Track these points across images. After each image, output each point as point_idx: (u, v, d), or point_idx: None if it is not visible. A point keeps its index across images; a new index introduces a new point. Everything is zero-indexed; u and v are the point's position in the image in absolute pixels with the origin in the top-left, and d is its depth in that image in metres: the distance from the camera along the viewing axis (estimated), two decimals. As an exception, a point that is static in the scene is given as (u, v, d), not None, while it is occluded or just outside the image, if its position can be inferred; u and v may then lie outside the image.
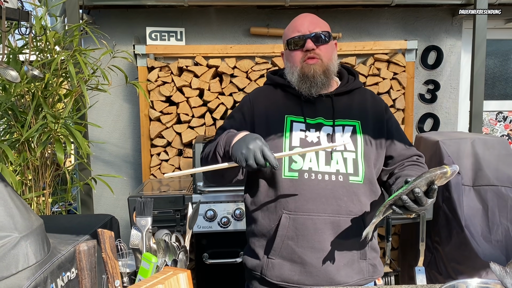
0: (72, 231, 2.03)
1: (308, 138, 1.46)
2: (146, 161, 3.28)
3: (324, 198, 1.41)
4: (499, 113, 3.77)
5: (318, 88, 1.49)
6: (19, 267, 1.50)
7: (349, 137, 1.49)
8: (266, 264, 1.48)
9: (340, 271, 1.43)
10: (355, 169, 1.45)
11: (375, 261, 1.54)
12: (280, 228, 1.44)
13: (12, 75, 2.01)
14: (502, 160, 2.70)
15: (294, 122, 1.49)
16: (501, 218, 2.60)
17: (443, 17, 3.52)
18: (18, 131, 2.66)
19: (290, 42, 1.51)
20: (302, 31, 1.49)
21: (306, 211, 1.42)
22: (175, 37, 3.35)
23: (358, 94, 1.59)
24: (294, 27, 1.52)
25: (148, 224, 1.11)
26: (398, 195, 1.19)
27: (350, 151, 1.46)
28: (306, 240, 1.43)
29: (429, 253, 2.85)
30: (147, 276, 1.03)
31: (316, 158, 1.44)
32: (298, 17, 1.56)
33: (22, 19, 2.07)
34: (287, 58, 1.57)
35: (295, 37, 1.49)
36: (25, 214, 1.61)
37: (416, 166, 1.52)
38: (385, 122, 1.56)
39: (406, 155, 1.55)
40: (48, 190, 2.80)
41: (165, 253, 1.11)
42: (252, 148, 1.23)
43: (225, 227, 2.55)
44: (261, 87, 1.68)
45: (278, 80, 1.61)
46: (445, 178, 1.17)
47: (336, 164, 1.44)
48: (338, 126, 1.49)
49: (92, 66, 2.81)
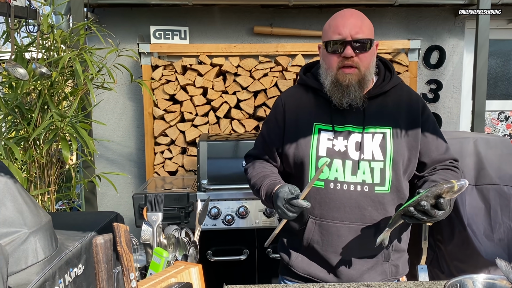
0: (78, 227, 2.05)
1: (336, 147, 1.45)
2: (149, 159, 3.30)
3: (348, 207, 1.43)
4: (501, 112, 3.78)
5: (350, 99, 1.43)
6: (28, 262, 1.51)
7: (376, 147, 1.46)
8: (295, 257, 1.55)
9: (363, 275, 1.47)
10: (382, 178, 1.43)
11: (398, 262, 1.55)
12: (306, 231, 1.49)
13: (21, 73, 2.04)
14: (504, 159, 2.71)
15: (322, 131, 1.47)
16: (504, 217, 2.61)
17: (446, 17, 3.54)
18: (24, 128, 2.68)
19: (329, 44, 1.42)
20: (344, 35, 1.39)
21: (331, 218, 1.45)
22: (179, 35, 3.37)
23: (394, 93, 1.52)
24: (336, 27, 1.41)
25: (159, 220, 1.13)
26: (406, 207, 1.23)
27: (378, 161, 1.43)
28: (330, 245, 1.46)
29: (431, 251, 2.86)
30: (158, 270, 1.05)
31: (342, 168, 1.43)
32: (342, 14, 1.45)
33: (30, 17, 2.10)
34: (324, 57, 1.49)
35: (335, 40, 1.40)
36: (34, 210, 1.63)
37: (447, 170, 1.50)
38: (420, 126, 1.49)
39: (440, 160, 1.52)
40: (53, 188, 2.81)
41: (175, 248, 1.13)
42: (280, 205, 1.33)
43: (229, 224, 2.56)
44: (294, 88, 1.63)
45: (310, 83, 1.55)
46: (452, 193, 1.19)
47: (363, 174, 1.43)
48: (368, 134, 1.45)
49: (97, 64, 2.83)
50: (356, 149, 1.44)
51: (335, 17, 1.46)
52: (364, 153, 1.43)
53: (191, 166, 3.28)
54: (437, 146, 1.52)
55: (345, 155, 1.43)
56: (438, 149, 1.51)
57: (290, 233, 1.57)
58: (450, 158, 1.54)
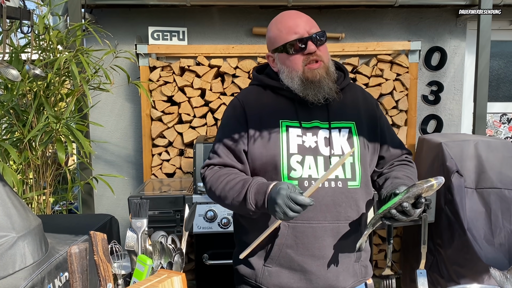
0: (71, 231, 2.03)
1: (306, 143, 1.41)
2: (147, 161, 3.28)
3: (324, 205, 1.39)
4: (503, 115, 3.73)
5: (325, 93, 1.41)
6: (16, 267, 1.49)
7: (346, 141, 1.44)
8: (262, 272, 1.45)
9: (339, 277, 1.43)
10: (353, 173, 1.42)
11: (366, 262, 1.53)
12: (279, 237, 1.41)
13: (13, 74, 2.01)
14: (505, 163, 2.67)
15: (290, 127, 1.43)
16: (504, 221, 2.57)
17: (447, 18, 3.50)
18: (20, 130, 2.66)
19: (288, 45, 1.40)
20: (300, 32, 1.39)
21: (306, 219, 1.38)
22: (177, 36, 3.35)
23: (349, 91, 1.53)
24: (289, 28, 1.40)
25: (143, 226, 1.10)
26: (387, 209, 1.22)
27: None
28: (306, 248, 1.40)
29: (431, 255, 2.83)
30: (142, 278, 1.02)
31: (315, 165, 1.39)
32: (288, 16, 1.44)
33: (23, 18, 2.07)
34: (283, 62, 1.45)
35: (293, 41, 1.39)
36: (23, 214, 1.60)
37: (404, 166, 1.52)
38: (378, 121, 1.52)
39: (396, 155, 1.54)
40: (49, 189, 2.80)
41: (160, 255, 1.10)
42: (281, 203, 1.21)
43: (225, 227, 2.53)
44: (248, 89, 1.56)
45: (267, 81, 1.50)
46: (431, 191, 1.20)
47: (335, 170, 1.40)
48: (335, 129, 1.44)
49: (94, 65, 2.81)
50: (325, 144, 1.42)
51: (281, 21, 1.44)
52: (334, 148, 1.41)
53: (189, 168, 3.25)
54: (393, 141, 1.54)
55: (316, 151, 1.40)
56: (394, 144, 1.54)
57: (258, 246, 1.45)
58: (405, 153, 1.57)
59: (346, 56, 3.30)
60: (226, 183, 1.39)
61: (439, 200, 2.72)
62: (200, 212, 2.54)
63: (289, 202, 1.20)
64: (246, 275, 1.50)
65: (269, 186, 1.29)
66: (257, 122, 1.45)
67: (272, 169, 1.41)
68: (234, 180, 1.38)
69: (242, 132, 1.46)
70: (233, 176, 1.40)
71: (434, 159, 2.83)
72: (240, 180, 1.38)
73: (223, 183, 1.39)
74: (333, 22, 3.44)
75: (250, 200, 1.32)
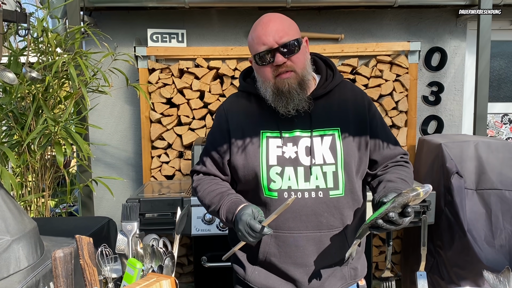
0: (68, 233, 2.02)
1: (286, 154, 1.39)
2: (146, 163, 3.27)
3: (304, 216, 1.38)
4: (504, 115, 3.71)
5: (295, 104, 1.37)
6: (10, 270, 1.49)
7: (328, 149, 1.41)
8: (252, 271, 1.48)
9: (324, 283, 1.43)
10: (335, 182, 1.39)
11: (357, 264, 1.52)
12: (262, 245, 1.43)
13: (10, 77, 2.01)
14: (506, 164, 2.65)
15: (270, 138, 1.41)
16: (505, 222, 2.55)
17: (447, 18, 3.48)
18: (18, 133, 2.66)
19: (257, 57, 1.36)
20: (269, 44, 1.33)
21: (287, 229, 1.39)
22: (176, 38, 3.34)
23: (338, 92, 1.47)
24: (258, 37, 1.35)
25: (134, 229, 1.10)
26: (374, 219, 1.21)
27: (329, 164, 1.39)
28: (289, 256, 1.41)
29: (431, 257, 2.81)
30: (131, 282, 1.02)
31: (295, 176, 1.38)
32: (261, 22, 1.38)
33: (19, 21, 2.07)
34: (257, 71, 1.43)
35: (262, 52, 1.34)
36: (18, 217, 1.60)
37: (399, 167, 1.47)
38: (368, 123, 1.45)
39: (391, 156, 1.49)
40: (48, 192, 2.80)
41: (151, 258, 1.09)
42: (241, 228, 1.27)
43: (223, 230, 2.52)
44: (235, 96, 1.55)
45: (251, 90, 1.48)
46: (418, 199, 1.18)
47: (316, 180, 1.38)
48: (317, 137, 1.40)
49: (93, 68, 2.81)
50: (306, 154, 1.39)
51: (255, 27, 1.39)
52: (315, 157, 1.39)
53: (188, 170, 3.25)
54: (387, 142, 1.49)
55: (296, 162, 1.38)
56: (388, 145, 1.48)
57: (243, 248, 1.49)
58: (400, 153, 1.51)
59: (346, 57, 3.29)
60: (208, 193, 1.47)
61: (439, 202, 2.70)
62: (199, 215, 2.53)
63: (247, 229, 1.25)
64: (239, 273, 1.53)
65: (237, 209, 1.34)
66: (239, 132, 1.45)
67: (253, 180, 1.42)
68: (214, 192, 1.46)
69: (224, 145, 1.47)
70: (214, 187, 1.47)
71: (434, 160, 2.81)
72: (219, 193, 1.44)
73: (206, 192, 1.48)
74: (332, 23, 3.44)
75: (222, 216, 1.40)
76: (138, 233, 1.13)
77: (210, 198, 1.45)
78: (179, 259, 3.32)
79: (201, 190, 1.50)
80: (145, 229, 2.52)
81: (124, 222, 1.10)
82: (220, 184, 1.49)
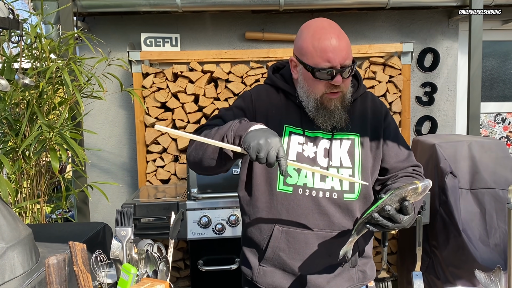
0: (63, 240, 2.02)
1: (305, 152, 1.41)
2: (142, 168, 3.27)
3: (317, 214, 1.40)
4: (497, 114, 3.74)
5: (335, 121, 1.39)
6: (5, 277, 1.49)
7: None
8: (257, 271, 1.49)
9: (330, 283, 1.44)
10: (351, 186, 1.41)
11: (365, 267, 1.52)
12: (272, 239, 1.44)
13: (2, 84, 2.01)
14: (499, 163, 2.67)
15: (293, 134, 1.42)
16: (499, 221, 2.57)
17: (439, 19, 3.51)
18: (13, 139, 2.66)
19: (317, 71, 1.32)
20: (334, 63, 1.30)
21: (298, 226, 1.41)
22: (170, 43, 3.35)
23: (360, 101, 1.50)
24: (324, 52, 1.30)
25: (128, 235, 1.10)
26: (370, 213, 1.16)
27: (346, 167, 1.41)
28: (298, 253, 1.42)
29: (427, 257, 2.82)
30: (126, 287, 1.02)
31: (312, 174, 1.40)
32: (327, 34, 1.31)
33: (12, 28, 2.07)
34: (305, 78, 1.39)
35: (325, 69, 1.31)
36: (13, 224, 1.60)
37: (409, 177, 1.45)
38: (382, 133, 1.48)
39: (401, 168, 1.49)
40: (43, 198, 2.79)
41: (146, 263, 1.09)
42: (270, 142, 1.13)
43: (220, 233, 2.53)
44: (263, 86, 1.54)
45: (280, 84, 1.49)
46: (417, 194, 1.13)
47: (331, 181, 1.40)
48: (336, 140, 1.42)
49: (87, 73, 2.81)
50: (324, 155, 1.41)
51: (319, 37, 1.31)
52: (332, 160, 1.40)
53: (184, 174, 3.25)
54: (397, 153, 1.49)
55: (314, 162, 1.40)
56: (398, 156, 1.49)
57: (252, 244, 1.51)
58: (412, 165, 1.51)
59: (339, 59, 3.30)
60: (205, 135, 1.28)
61: (434, 202, 2.72)
62: (195, 219, 2.54)
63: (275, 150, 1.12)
64: (247, 273, 1.54)
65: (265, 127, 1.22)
66: (263, 120, 1.43)
67: (268, 173, 1.42)
68: (211, 131, 1.30)
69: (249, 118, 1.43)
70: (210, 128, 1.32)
71: (428, 160, 2.83)
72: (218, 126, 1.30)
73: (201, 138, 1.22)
74: (326, 25, 3.45)
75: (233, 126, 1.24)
76: (133, 239, 1.13)
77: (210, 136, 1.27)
78: (176, 263, 3.31)
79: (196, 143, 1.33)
80: (141, 234, 2.53)
81: (118, 228, 1.11)
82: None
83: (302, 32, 1.38)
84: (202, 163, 1.32)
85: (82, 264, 0.79)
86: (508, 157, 2.69)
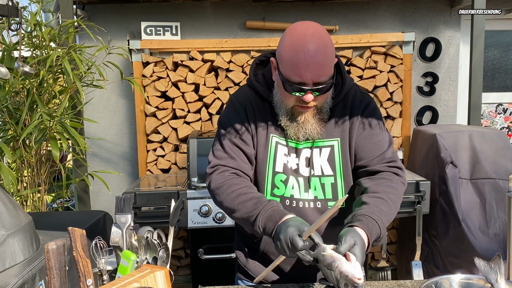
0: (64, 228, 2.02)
1: (289, 163, 1.39)
2: (142, 157, 3.27)
3: None
4: (499, 105, 3.72)
5: (307, 133, 1.34)
6: (6, 264, 1.50)
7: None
8: (251, 261, 1.53)
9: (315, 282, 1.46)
10: (334, 194, 1.39)
11: None
12: (262, 243, 1.47)
13: (2, 72, 2.01)
14: (499, 153, 2.67)
15: (279, 145, 1.39)
16: (499, 211, 2.57)
17: (441, 9, 3.48)
18: (13, 128, 2.66)
19: (287, 84, 1.25)
20: (305, 80, 1.23)
21: None
22: (170, 31, 3.33)
23: (341, 102, 1.41)
24: (296, 66, 1.22)
25: (128, 221, 1.10)
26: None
27: (328, 176, 1.38)
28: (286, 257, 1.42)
29: (426, 247, 2.83)
30: (126, 273, 1.03)
31: (297, 185, 1.39)
32: (304, 49, 1.21)
33: (11, 15, 2.06)
34: (279, 85, 1.33)
35: (295, 85, 1.24)
36: (13, 211, 1.61)
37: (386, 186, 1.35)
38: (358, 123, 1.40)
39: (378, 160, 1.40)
40: (44, 187, 2.80)
41: (146, 250, 1.10)
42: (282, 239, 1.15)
43: (220, 222, 2.54)
44: (246, 92, 1.46)
45: (260, 91, 1.43)
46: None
47: (314, 191, 1.39)
48: (316, 148, 1.38)
49: (87, 62, 2.80)
50: (306, 165, 1.39)
51: (296, 49, 1.22)
52: (314, 168, 1.38)
53: (184, 163, 3.25)
54: (374, 144, 1.40)
55: (297, 172, 1.39)
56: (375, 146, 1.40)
57: (246, 239, 1.52)
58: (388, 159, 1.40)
59: (340, 48, 3.29)
60: (237, 196, 1.30)
61: (434, 191, 2.72)
62: (195, 207, 2.54)
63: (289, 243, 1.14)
64: (241, 261, 1.56)
65: (282, 217, 1.22)
66: (253, 129, 1.41)
67: (259, 181, 1.42)
68: (246, 195, 1.30)
69: (248, 134, 1.40)
70: (245, 190, 1.31)
71: (428, 150, 2.82)
72: (253, 197, 1.29)
73: (234, 194, 1.30)
74: (327, 14, 3.43)
75: (260, 223, 1.25)
76: (133, 226, 1.14)
77: (241, 201, 1.29)
78: (176, 252, 3.33)
79: (228, 191, 1.33)
80: (141, 223, 2.53)
81: (118, 215, 1.11)
82: (250, 186, 1.35)
83: (285, 36, 1.29)
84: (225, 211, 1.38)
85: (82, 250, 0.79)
86: (508, 147, 2.69)
